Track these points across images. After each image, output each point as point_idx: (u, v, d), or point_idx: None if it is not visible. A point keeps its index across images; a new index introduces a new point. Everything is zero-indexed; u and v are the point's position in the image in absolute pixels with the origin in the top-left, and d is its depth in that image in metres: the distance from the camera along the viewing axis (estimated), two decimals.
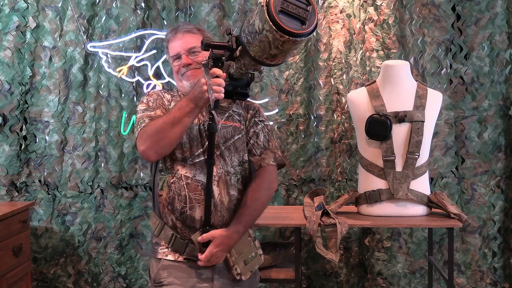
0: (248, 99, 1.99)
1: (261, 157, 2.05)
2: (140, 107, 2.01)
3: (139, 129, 1.93)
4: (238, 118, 2.05)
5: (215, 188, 1.94)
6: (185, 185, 1.93)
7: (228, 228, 1.94)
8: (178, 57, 2.04)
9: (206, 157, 1.94)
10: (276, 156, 2.08)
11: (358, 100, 2.82)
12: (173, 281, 1.95)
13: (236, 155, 2.02)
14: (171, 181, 1.95)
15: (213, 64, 1.82)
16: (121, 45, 3.26)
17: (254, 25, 1.63)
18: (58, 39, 3.30)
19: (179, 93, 2.10)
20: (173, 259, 1.96)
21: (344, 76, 3.26)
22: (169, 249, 1.97)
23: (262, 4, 1.59)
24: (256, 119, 2.10)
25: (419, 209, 2.74)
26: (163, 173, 1.98)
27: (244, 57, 1.75)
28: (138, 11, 3.27)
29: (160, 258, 1.98)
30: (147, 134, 1.88)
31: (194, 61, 2.02)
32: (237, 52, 1.79)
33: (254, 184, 2.02)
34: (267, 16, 1.56)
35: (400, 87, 2.76)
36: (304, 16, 1.60)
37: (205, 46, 1.82)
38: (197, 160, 1.95)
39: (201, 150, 1.96)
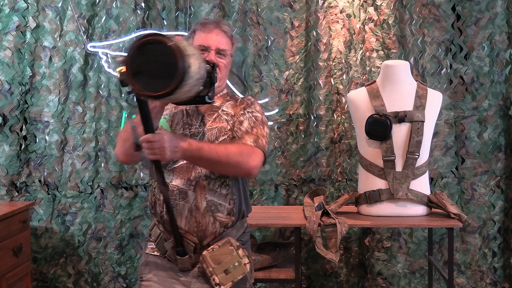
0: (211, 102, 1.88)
1: (240, 138, 1.91)
2: None
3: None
4: (226, 118, 1.96)
5: (190, 193, 1.90)
6: None
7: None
8: (205, 49, 1.95)
9: (184, 161, 1.89)
10: (258, 140, 1.91)
11: (358, 100, 2.82)
12: (151, 278, 1.96)
13: None
14: (154, 185, 1.97)
15: None
16: (121, 45, 3.26)
17: None
18: (58, 39, 3.29)
19: None
20: (158, 254, 1.97)
21: (344, 76, 3.26)
22: (156, 247, 1.99)
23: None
24: (245, 110, 1.98)
25: (419, 209, 2.74)
26: (150, 177, 2.02)
27: None
28: (138, 11, 3.27)
29: (147, 253, 2.00)
30: None
31: (219, 62, 1.95)
32: None
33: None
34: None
35: (400, 87, 2.76)
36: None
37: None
38: (175, 166, 1.92)
39: None
